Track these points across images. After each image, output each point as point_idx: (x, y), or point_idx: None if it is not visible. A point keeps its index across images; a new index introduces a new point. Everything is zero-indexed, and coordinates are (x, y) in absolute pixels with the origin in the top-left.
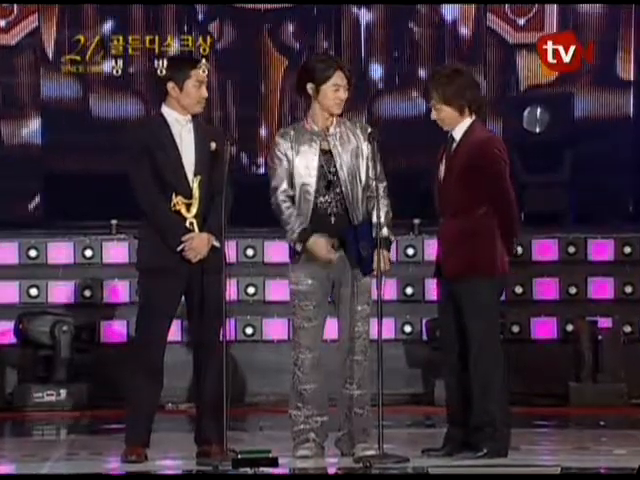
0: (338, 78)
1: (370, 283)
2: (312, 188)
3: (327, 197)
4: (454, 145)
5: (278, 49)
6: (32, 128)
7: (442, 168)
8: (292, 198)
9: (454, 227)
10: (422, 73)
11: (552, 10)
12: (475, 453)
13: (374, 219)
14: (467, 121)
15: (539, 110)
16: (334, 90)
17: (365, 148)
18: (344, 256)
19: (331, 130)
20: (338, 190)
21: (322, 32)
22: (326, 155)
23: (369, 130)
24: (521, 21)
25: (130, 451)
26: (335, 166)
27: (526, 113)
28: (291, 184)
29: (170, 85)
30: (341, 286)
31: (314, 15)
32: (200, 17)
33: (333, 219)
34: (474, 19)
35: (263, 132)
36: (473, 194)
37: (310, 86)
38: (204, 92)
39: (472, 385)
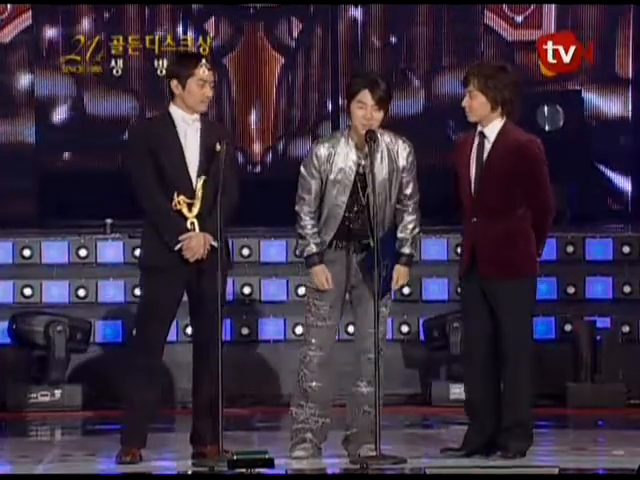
0: (364, 96)
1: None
2: (342, 209)
3: (355, 215)
4: (487, 145)
5: (274, 47)
6: (26, 126)
7: (473, 167)
8: (315, 212)
9: (494, 228)
10: (420, 71)
11: (550, 7)
12: (505, 453)
13: (398, 234)
14: (500, 121)
15: (546, 108)
16: (358, 107)
17: (402, 166)
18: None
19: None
20: (366, 212)
21: (319, 30)
22: (361, 176)
23: (373, 134)
24: (519, 18)
25: (125, 452)
26: (367, 189)
27: (538, 111)
28: (321, 198)
29: (174, 83)
30: (360, 287)
31: (311, 13)
32: (195, 15)
33: (354, 230)
34: (471, 17)
35: (259, 130)
36: (513, 195)
37: (346, 102)
38: (208, 91)
39: (505, 385)
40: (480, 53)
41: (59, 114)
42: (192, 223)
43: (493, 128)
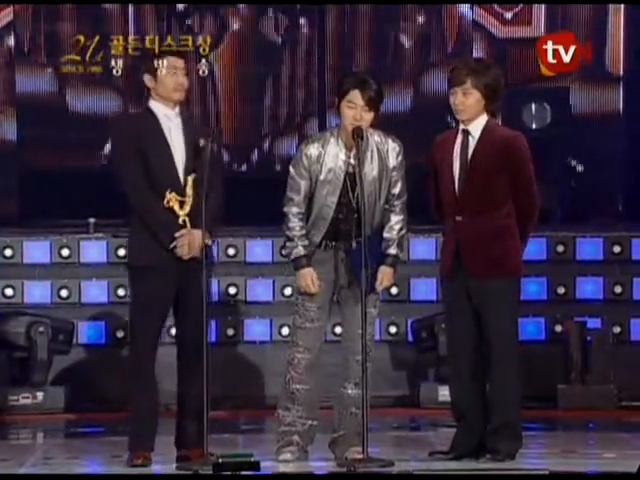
0: (354, 96)
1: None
2: (331, 209)
3: (345, 215)
4: (472, 142)
5: (260, 44)
6: (7, 124)
7: (456, 165)
8: (304, 213)
9: (480, 226)
10: (407, 68)
11: (540, 5)
12: (494, 456)
13: (385, 234)
14: (484, 118)
15: (534, 106)
16: (348, 107)
17: (391, 166)
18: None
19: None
20: (356, 214)
21: (305, 26)
22: (350, 176)
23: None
24: (508, 15)
25: (136, 456)
26: (357, 191)
27: (525, 109)
28: (310, 198)
29: (147, 77)
30: (348, 288)
31: (297, 9)
32: (180, 13)
33: (343, 230)
34: (460, 13)
35: (244, 128)
36: (499, 192)
37: (335, 100)
38: (181, 79)
39: (492, 386)
40: (469, 50)
41: (40, 111)
42: (184, 221)
43: (477, 125)
